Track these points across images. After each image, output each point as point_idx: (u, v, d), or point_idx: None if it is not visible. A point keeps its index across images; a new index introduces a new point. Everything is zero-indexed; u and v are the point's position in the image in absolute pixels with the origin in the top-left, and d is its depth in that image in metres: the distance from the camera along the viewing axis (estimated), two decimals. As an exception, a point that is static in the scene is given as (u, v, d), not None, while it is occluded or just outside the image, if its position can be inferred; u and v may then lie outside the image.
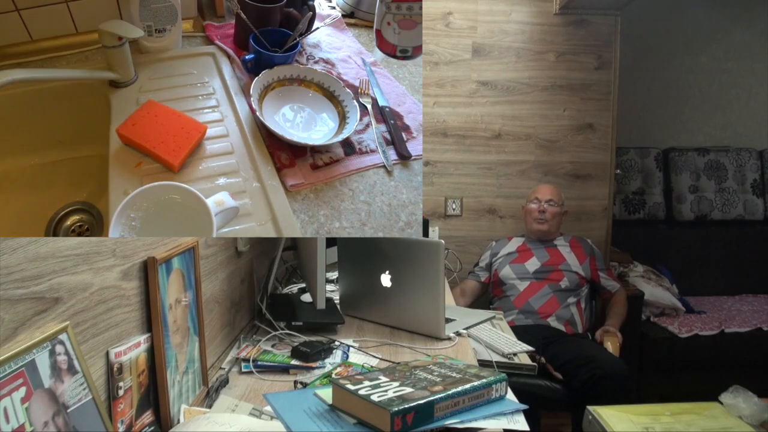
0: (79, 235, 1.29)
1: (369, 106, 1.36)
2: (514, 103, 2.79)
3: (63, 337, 0.69)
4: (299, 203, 1.09)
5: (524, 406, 0.98)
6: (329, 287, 1.96)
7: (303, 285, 1.98)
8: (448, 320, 1.63)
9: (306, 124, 1.25)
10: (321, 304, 1.44)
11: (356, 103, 1.30)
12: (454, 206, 2.82)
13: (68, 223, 1.33)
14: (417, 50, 1.32)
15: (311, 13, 1.37)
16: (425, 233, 2.51)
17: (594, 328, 2.36)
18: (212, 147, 1.17)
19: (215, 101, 1.27)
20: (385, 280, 1.61)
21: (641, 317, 2.65)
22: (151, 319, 0.93)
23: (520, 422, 0.94)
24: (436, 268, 1.50)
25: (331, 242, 1.81)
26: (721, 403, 1.70)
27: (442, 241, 1.51)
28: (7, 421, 0.59)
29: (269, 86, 1.26)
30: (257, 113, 1.19)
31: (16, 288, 0.63)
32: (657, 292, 2.76)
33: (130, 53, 1.24)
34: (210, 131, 1.17)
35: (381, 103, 1.39)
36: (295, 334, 1.48)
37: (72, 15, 1.35)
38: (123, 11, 1.34)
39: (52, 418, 0.65)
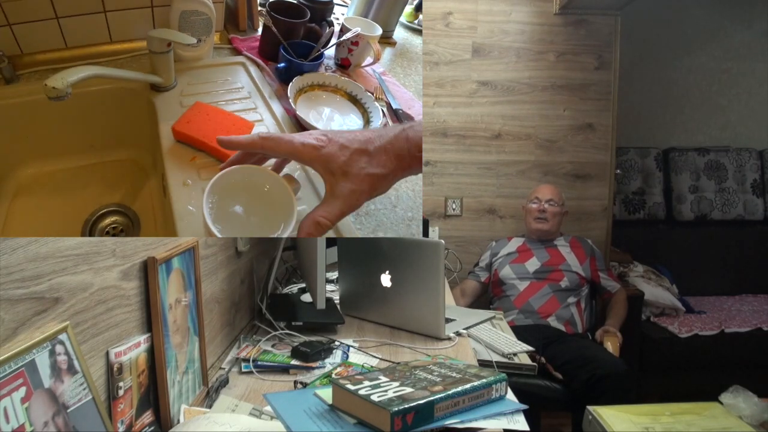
0: (114, 236, 1.30)
1: (384, 109, 1.46)
2: (514, 103, 2.79)
3: (63, 337, 0.69)
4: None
5: (524, 406, 0.98)
6: (329, 287, 1.97)
7: (303, 285, 1.98)
8: (448, 320, 1.63)
9: (336, 123, 1.34)
10: (321, 304, 1.44)
11: (377, 105, 1.39)
12: (454, 206, 2.82)
13: (104, 224, 1.36)
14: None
15: (332, 29, 1.54)
16: (425, 233, 2.51)
17: (594, 328, 2.36)
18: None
19: (252, 104, 1.35)
20: (385, 280, 1.61)
21: (641, 317, 2.65)
22: (151, 319, 0.93)
23: (520, 422, 0.94)
24: (436, 268, 1.50)
25: (331, 242, 1.82)
26: (721, 403, 1.70)
27: (442, 241, 1.51)
28: (7, 421, 0.59)
29: (302, 89, 1.37)
30: (295, 111, 1.29)
31: (16, 288, 0.63)
32: (657, 292, 2.76)
33: (173, 60, 1.31)
34: (254, 129, 1.25)
35: (395, 106, 1.50)
36: (295, 334, 1.48)
37: (108, 24, 1.40)
38: (159, 23, 1.42)
39: (52, 418, 0.65)
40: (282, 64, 1.45)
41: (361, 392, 0.90)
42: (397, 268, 1.58)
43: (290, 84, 1.33)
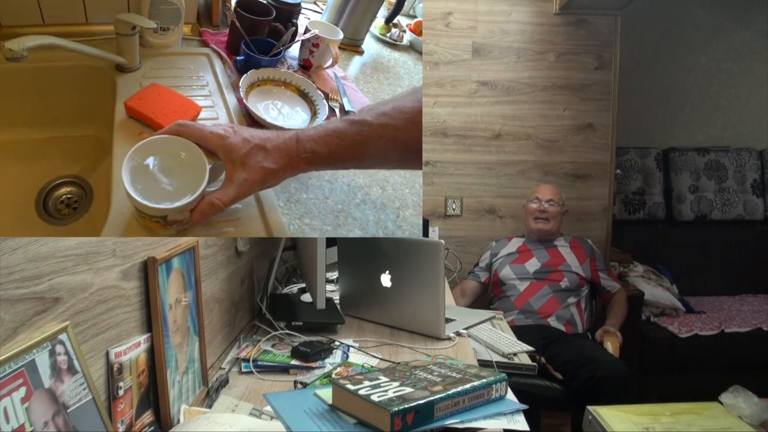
0: (68, 206, 1.39)
1: (337, 110, 1.56)
2: (514, 103, 2.80)
3: (63, 337, 0.69)
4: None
5: (524, 406, 0.98)
6: (329, 287, 1.97)
7: (303, 285, 1.98)
8: (448, 320, 1.63)
9: (283, 116, 1.43)
10: (321, 304, 1.44)
11: (326, 103, 1.48)
12: (454, 206, 2.82)
13: (59, 193, 1.41)
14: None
15: (294, 29, 1.64)
16: (425, 233, 2.51)
17: (594, 328, 2.36)
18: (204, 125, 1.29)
19: (208, 92, 1.43)
20: (385, 280, 1.61)
21: (641, 317, 2.65)
22: (151, 319, 0.93)
23: (520, 422, 0.94)
24: (436, 268, 1.50)
25: (331, 242, 1.82)
26: (721, 403, 1.70)
27: (442, 241, 1.51)
28: (7, 421, 0.59)
29: (255, 83, 1.45)
30: (245, 102, 1.35)
31: (16, 288, 0.63)
32: (657, 292, 2.76)
33: (138, 43, 1.40)
34: (203, 114, 1.33)
35: (347, 108, 1.57)
36: (295, 334, 1.48)
37: (85, 6, 1.48)
38: (133, 8, 1.49)
39: (52, 418, 0.65)
40: (241, 57, 1.53)
41: (361, 392, 0.90)
42: (397, 268, 1.58)
43: (243, 76, 1.41)
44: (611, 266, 2.79)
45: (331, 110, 1.52)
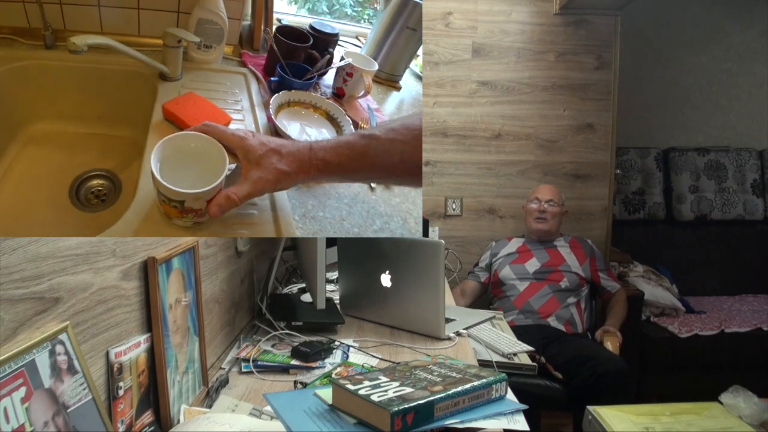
0: (97, 197, 1.51)
1: None
2: (514, 103, 2.80)
3: (63, 337, 0.69)
4: (293, 191, 1.25)
5: (524, 406, 0.98)
6: (329, 287, 1.97)
7: (303, 285, 1.98)
8: (448, 320, 1.63)
9: (308, 136, 1.48)
10: (321, 304, 1.44)
11: (352, 130, 1.50)
12: (454, 206, 2.82)
13: (92, 183, 1.53)
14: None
15: (328, 56, 1.72)
16: (425, 233, 2.51)
17: (594, 328, 2.36)
18: (234, 136, 1.37)
19: (240, 107, 1.51)
20: (385, 280, 1.61)
21: (641, 317, 2.65)
22: (151, 319, 0.93)
23: (520, 422, 0.95)
24: (436, 268, 1.50)
25: (331, 242, 1.82)
26: (721, 403, 1.70)
27: (442, 241, 1.51)
28: (7, 421, 0.59)
29: (285, 104, 1.52)
30: (274, 120, 1.41)
31: (16, 288, 0.63)
32: (657, 292, 2.76)
33: (181, 56, 1.51)
34: (232, 125, 1.38)
35: None
36: (295, 334, 1.48)
37: (139, 20, 1.64)
38: (181, 25, 1.63)
39: (52, 418, 0.65)
40: (275, 78, 1.60)
41: (361, 392, 0.90)
42: (397, 268, 1.58)
43: (274, 96, 1.48)
44: (611, 266, 2.79)
45: None
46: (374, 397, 0.87)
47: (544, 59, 2.78)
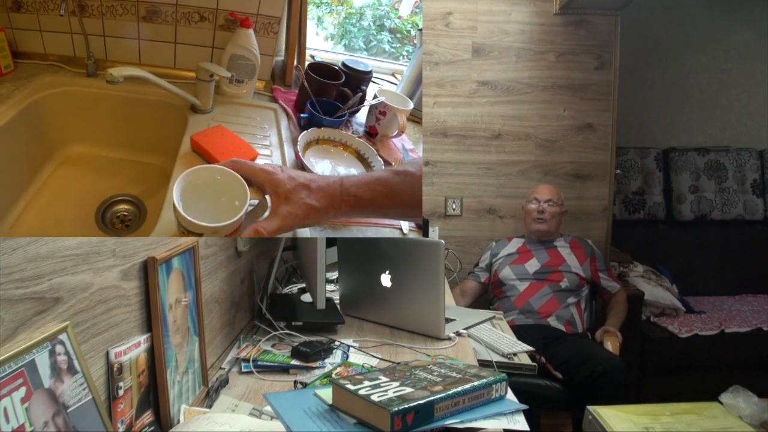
0: (122, 221, 1.56)
1: None
2: (514, 103, 2.79)
3: (63, 337, 0.69)
4: (318, 229, 1.28)
5: (524, 406, 0.98)
6: (329, 287, 1.97)
7: (303, 285, 1.98)
8: (448, 320, 1.63)
9: (337, 174, 1.48)
10: (321, 304, 1.44)
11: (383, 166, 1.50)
12: (454, 206, 2.82)
13: (118, 208, 1.58)
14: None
15: (360, 94, 1.70)
16: (425, 233, 2.51)
17: (594, 328, 2.36)
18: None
19: (269, 143, 1.53)
20: (385, 280, 1.61)
21: (641, 317, 2.65)
22: (151, 319, 0.93)
23: (520, 422, 0.95)
24: (436, 268, 1.50)
25: (331, 242, 1.82)
26: (721, 403, 1.70)
27: (442, 241, 1.51)
28: (7, 421, 0.59)
29: (313, 141, 1.51)
30: (301, 157, 1.40)
31: (16, 288, 0.63)
32: (657, 292, 2.76)
33: (213, 89, 1.56)
34: (258, 160, 1.40)
35: None
36: (295, 334, 1.48)
37: (175, 53, 1.71)
38: (215, 60, 1.70)
39: (52, 418, 0.65)
40: (305, 115, 1.60)
41: (361, 392, 0.90)
42: (397, 268, 1.58)
43: (303, 133, 1.46)
44: (611, 266, 2.79)
45: None
46: (374, 397, 0.87)
47: (544, 59, 2.78)
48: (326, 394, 0.96)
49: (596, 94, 2.80)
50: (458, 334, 1.60)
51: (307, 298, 1.76)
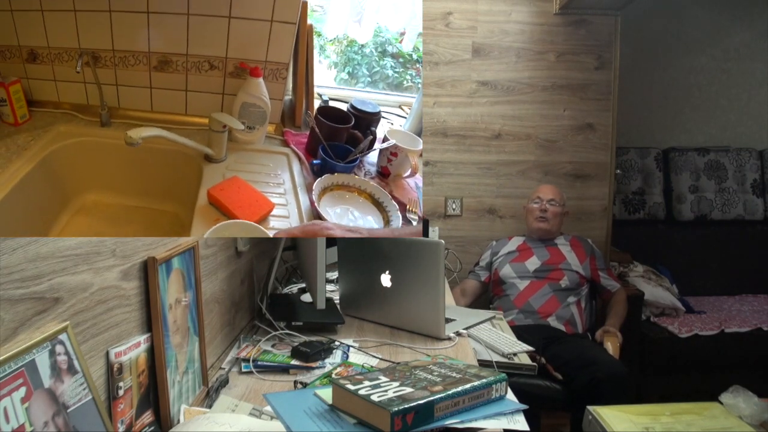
0: None
1: (414, 221, 1.56)
2: (514, 103, 2.79)
3: (63, 337, 0.69)
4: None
5: (524, 406, 0.98)
6: (329, 287, 1.97)
7: (303, 285, 1.98)
8: (448, 320, 1.63)
9: (354, 222, 1.48)
10: (321, 304, 1.44)
11: (399, 214, 1.51)
12: (454, 206, 2.82)
13: None
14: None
15: (371, 137, 1.70)
16: (425, 233, 2.51)
17: (594, 328, 2.36)
18: (275, 223, 1.42)
19: (283, 190, 1.54)
20: (385, 280, 1.61)
21: (641, 317, 2.65)
22: (151, 319, 0.93)
23: (520, 422, 0.95)
24: (436, 268, 1.50)
25: (331, 242, 1.82)
26: (721, 403, 1.70)
27: (442, 241, 1.51)
28: (7, 421, 0.59)
29: (328, 188, 1.53)
30: (316, 205, 1.42)
31: (16, 288, 0.63)
32: (657, 292, 2.76)
33: (226, 139, 1.57)
34: (275, 211, 1.42)
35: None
36: (295, 334, 1.48)
37: (187, 101, 1.75)
38: (225, 108, 1.72)
39: (52, 418, 0.65)
40: (317, 161, 1.60)
41: (361, 392, 0.90)
42: (397, 268, 1.58)
43: (317, 180, 1.48)
44: (611, 266, 2.79)
45: (407, 221, 1.54)
46: (374, 397, 0.87)
47: (544, 59, 2.78)
48: (326, 394, 0.96)
49: (596, 94, 2.80)
50: (458, 334, 1.60)
51: (307, 298, 1.76)
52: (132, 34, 1.59)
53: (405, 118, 1.97)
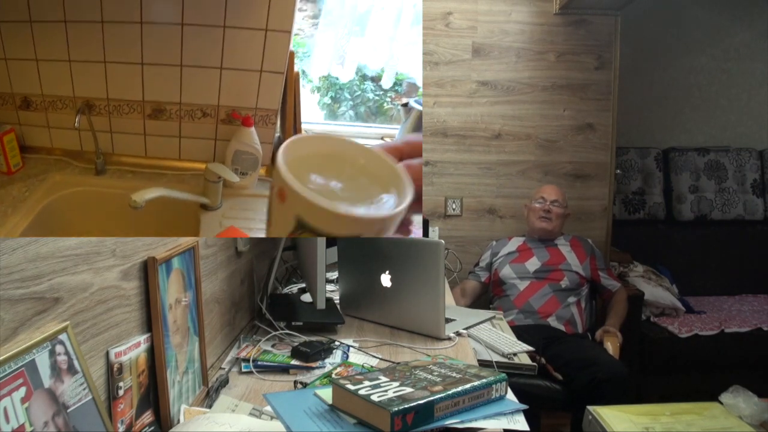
0: None
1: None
2: (514, 103, 2.79)
3: (63, 337, 0.69)
4: None
5: (524, 406, 0.98)
6: (329, 287, 1.97)
7: (303, 285, 1.98)
8: (448, 320, 1.63)
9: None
10: (321, 304, 1.44)
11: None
12: (454, 206, 2.82)
13: None
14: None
15: None
16: (425, 233, 2.51)
17: (594, 328, 2.36)
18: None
19: None
20: (385, 280, 1.61)
21: (641, 317, 2.65)
22: (151, 319, 0.93)
23: (520, 422, 0.94)
24: (436, 268, 1.50)
25: (331, 242, 1.82)
26: (721, 403, 1.70)
27: (442, 241, 1.51)
28: (7, 421, 0.59)
29: None
30: None
31: (16, 288, 0.63)
32: (657, 292, 2.76)
33: (221, 188, 1.61)
34: None
35: None
36: (295, 334, 1.48)
37: (180, 147, 1.76)
38: (218, 155, 1.75)
39: (52, 418, 0.65)
40: None
41: (361, 392, 0.90)
42: (397, 268, 1.58)
43: None
44: (611, 266, 2.79)
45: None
46: (374, 397, 0.87)
47: (544, 59, 2.78)
48: (326, 394, 0.96)
49: (596, 94, 2.80)
50: (458, 334, 1.60)
51: (307, 298, 1.76)
52: (127, 83, 1.62)
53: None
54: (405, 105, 1.72)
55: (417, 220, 0.69)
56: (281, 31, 1.50)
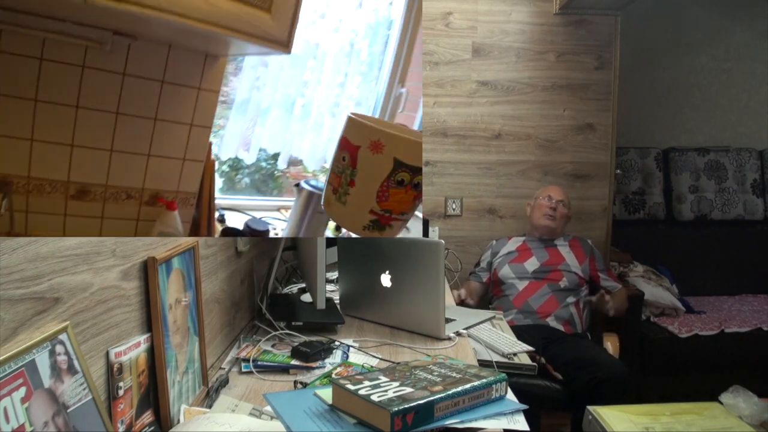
0: None
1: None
2: (514, 103, 2.79)
3: (63, 337, 0.69)
4: None
5: (524, 406, 0.98)
6: (329, 287, 1.97)
7: (303, 285, 1.98)
8: (448, 320, 1.63)
9: None
10: (321, 304, 1.44)
11: None
12: (454, 206, 2.82)
13: None
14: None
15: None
16: (425, 233, 2.51)
17: (594, 329, 2.36)
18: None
19: None
20: (385, 280, 1.61)
21: (641, 317, 2.65)
22: (151, 319, 0.93)
23: (520, 422, 0.95)
24: (436, 268, 1.50)
25: (331, 242, 1.82)
26: (721, 403, 1.70)
27: (442, 241, 1.51)
28: (7, 421, 0.59)
29: None
30: None
31: (16, 288, 0.63)
32: (657, 292, 2.76)
33: None
34: None
35: None
36: (295, 334, 1.48)
37: (101, 227, 1.70)
38: (140, 234, 1.72)
39: (52, 418, 0.65)
40: None
41: (361, 392, 0.90)
42: (397, 268, 1.58)
43: None
44: (611, 266, 2.79)
45: None
46: (374, 397, 0.87)
47: (544, 59, 2.78)
48: (326, 394, 0.96)
49: (596, 94, 2.80)
50: (458, 334, 1.60)
51: (307, 298, 1.76)
52: (53, 163, 1.59)
53: (286, 221, 2.13)
54: (297, 185, 1.82)
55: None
56: (203, 126, 1.64)
